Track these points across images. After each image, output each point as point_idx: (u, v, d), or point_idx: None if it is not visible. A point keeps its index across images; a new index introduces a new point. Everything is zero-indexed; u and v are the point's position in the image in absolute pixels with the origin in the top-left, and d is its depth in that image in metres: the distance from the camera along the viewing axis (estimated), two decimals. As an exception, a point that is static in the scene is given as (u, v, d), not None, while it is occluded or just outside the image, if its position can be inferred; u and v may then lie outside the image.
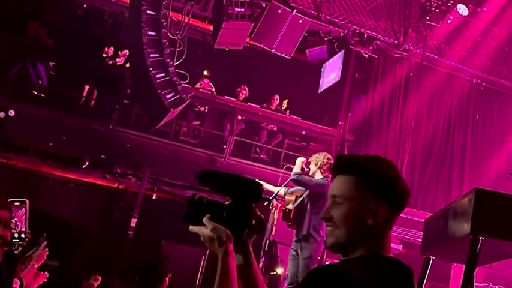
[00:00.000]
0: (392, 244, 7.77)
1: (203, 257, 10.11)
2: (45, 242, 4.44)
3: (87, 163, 11.01)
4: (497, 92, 12.19)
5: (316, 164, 6.84)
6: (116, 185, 11.56)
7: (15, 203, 4.13)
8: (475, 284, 4.16)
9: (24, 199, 4.18)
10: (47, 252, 4.47)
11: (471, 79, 12.02)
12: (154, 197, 11.45)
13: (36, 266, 4.43)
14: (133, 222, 10.63)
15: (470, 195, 4.13)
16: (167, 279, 4.31)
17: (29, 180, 11.17)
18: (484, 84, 12.06)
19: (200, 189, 11.58)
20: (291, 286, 6.64)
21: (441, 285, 10.72)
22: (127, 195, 11.33)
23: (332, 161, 6.95)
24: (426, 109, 11.56)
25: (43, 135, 10.60)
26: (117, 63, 11.35)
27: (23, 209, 4.12)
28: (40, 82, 10.59)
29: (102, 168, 11.36)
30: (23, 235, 4.08)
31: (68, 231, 11.06)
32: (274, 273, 9.55)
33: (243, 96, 11.65)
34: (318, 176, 6.85)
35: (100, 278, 7.89)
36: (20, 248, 4.11)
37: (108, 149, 10.81)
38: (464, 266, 4.35)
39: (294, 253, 6.84)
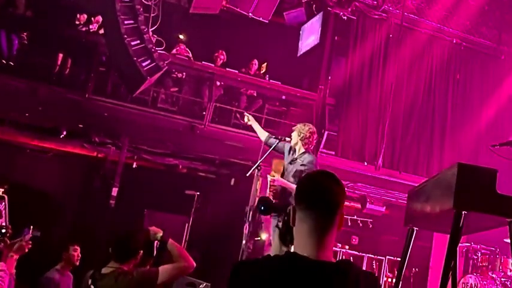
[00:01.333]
0: (375, 206, 7.91)
1: (186, 224, 10.12)
2: (30, 235, 4.37)
3: (64, 133, 10.86)
4: (477, 52, 12.15)
5: (299, 135, 6.80)
6: (95, 154, 11.44)
7: None
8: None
9: (3, 195, 4.10)
10: (30, 246, 4.40)
11: (451, 39, 11.94)
12: (134, 166, 11.36)
13: (15, 257, 4.36)
14: (114, 191, 10.57)
15: (452, 170, 4.14)
16: (141, 251, 4.27)
17: (6, 151, 11.03)
18: (464, 44, 11.99)
19: (182, 157, 11.55)
20: None
21: (425, 244, 10.91)
22: (107, 164, 11.24)
23: (315, 135, 6.93)
24: (407, 70, 11.47)
25: (18, 106, 10.39)
26: (91, 30, 11.08)
27: (3, 203, 4.04)
28: (9, 52, 10.31)
29: (80, 138, 11.22)
30: (3, 230, 4.00)
31: (48, 201, 11.02)
32: (259, 238, 9.63)
33: (221, 61, 11.46)
34: (300, 148, 6.82)
35: (78, 248, 7.81)
36: (2, 244, 4.04)
37: (86, 118, 10.65)
38: (446, 234, 4.41)
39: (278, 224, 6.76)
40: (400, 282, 5.34)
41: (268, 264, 2.11)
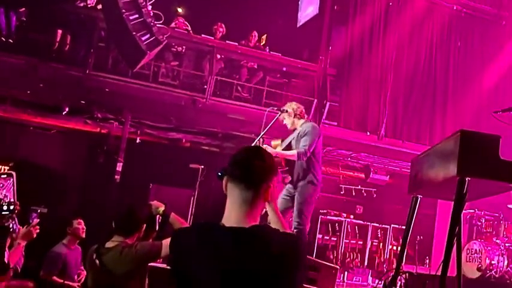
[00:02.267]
0: (379, 176, 7.99)
1: (192, 198, 10.18)
2: (38, 220, 4.38)
3: (66, 109, 10.85)
4: (478, 18, 12.05)
5: (290, 115, 6.80)
6: (98, 130, 11.45)
7: (2, 176, 4.07)
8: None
9: (11, 171, 4.12)
10: (38, 230, 4.40)
11: (451, 6, 11.82)
12: (138, 141, 11.36)
13: (22, 244, 4.35)
14: (119, 166, 10.59)
15: (455, 137, 4.14)
16: (144, 225, 4.33)
17: (10, 129, 11.04)
18: (464, 10, 11.89)
19: (185, 131, 11.52)
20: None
21: (429, 212, 10.96)
22: (110, 140, 11.24)
23: (302, 107, 6.96)
24: (407, 38, 11.39)
25: (19, 84, 10.37)
26: (88, 5, 10.98)
27: (11, 179, 4.05)
28: (8, 29, 10.26)
29: (82, 114, 11.21)
30: (12, 207, 4.02)
31: (53, 178, 11.04)
32: (265, 210, 9.65)
33: (221, 34, 11.37)
34: (299, 122, 6.85)
35: (82, 220, 7.86)
36: (10, 220, 4.05)
37: (87, 95, 10.63)
38: (450, 201, 4.43)
39: (288, 194, 6.78)
40: (405, 250, 5.40)
41: (194, 231, 2.33)
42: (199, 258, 2.23)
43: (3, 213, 3.98)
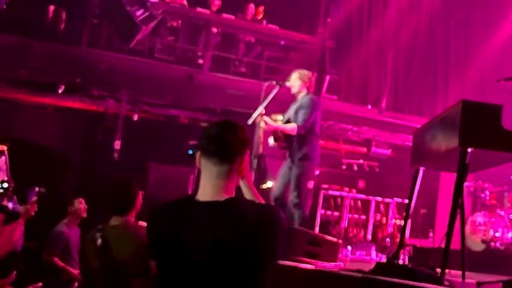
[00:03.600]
0: (381, 149, 7.89)
1: (191, 176, 10.13)
2: (36, 198, 4.30)
3: (62, 88, 10.74)
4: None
5: (302, 79, 6.80)
6: (94, 108, 11.35)
7: None
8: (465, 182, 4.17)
9: (1, 149, 4.04)
10: (36, 209, 4.32)
11: (452, -26, 11.65)
12: (135, 118, 11.26)
13: (21, 222, 4.29)
14: (117, 144, 10.54)
15: (457, 107, 4.06)
16: (138, 198, 4.24)
17: (6, 110, 10.94)
18: (465, -21, 11.71)
19: (182, 107, 11.42)
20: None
21: (432, 185, 10.88)
22: (107, 118, 11.15)
23: (313, 79, 6.95)
24: (407, 9, 11.24)
25: (14, 63, 10.25)
26: (82, -19, 10.80)
27: (3, 157, 3.97)
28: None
29: (78, 92, 11.10)
30: (5, 184, 3.95)
31: (51, 157, 10.98)
32: (266, 187, 9.57)
33: (216, 7, 11.19)
34: (301, 93, 6.83)
35: (83, 200, 7.85)
36: (6, 198, 3.98)
37: (83, 72, 10.51)
38: (452, 174, 4.35)
39: (287, 168, 6.82)
40: (408, 223, 5.35)
41: (169, 208, 2.38)
42: (176, 235, 2.25)
43: None
